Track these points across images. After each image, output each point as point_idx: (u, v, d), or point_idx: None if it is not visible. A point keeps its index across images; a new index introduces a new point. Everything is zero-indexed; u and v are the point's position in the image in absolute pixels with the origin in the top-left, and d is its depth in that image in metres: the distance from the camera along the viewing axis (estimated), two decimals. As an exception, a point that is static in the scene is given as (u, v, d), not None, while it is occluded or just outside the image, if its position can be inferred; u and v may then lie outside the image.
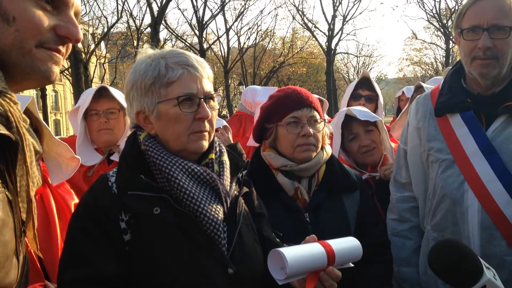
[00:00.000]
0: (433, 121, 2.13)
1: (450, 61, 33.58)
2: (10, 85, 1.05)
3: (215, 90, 1.90)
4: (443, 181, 2.05)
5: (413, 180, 2.25)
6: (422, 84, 3.72)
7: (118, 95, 2.77)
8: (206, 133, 1.59)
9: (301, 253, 1.41)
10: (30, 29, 1.01)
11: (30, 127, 1.13)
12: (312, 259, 1.42)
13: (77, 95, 17.36)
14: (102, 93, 2.74)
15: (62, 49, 1.08)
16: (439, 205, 2.08)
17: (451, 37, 31.54)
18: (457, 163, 2.01)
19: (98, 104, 2.73)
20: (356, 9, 45.67)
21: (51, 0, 1.05)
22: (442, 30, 32.98)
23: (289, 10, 37.58)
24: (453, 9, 30.79)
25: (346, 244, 1.55)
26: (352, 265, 1.57)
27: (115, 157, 2.74)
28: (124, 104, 2.73)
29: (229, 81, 33.90)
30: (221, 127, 3.76)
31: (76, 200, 2.32)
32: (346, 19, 34.85)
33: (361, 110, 2.74)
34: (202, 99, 1.56)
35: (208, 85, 1.60)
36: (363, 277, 2.04)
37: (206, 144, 1.60)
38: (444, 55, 35.43)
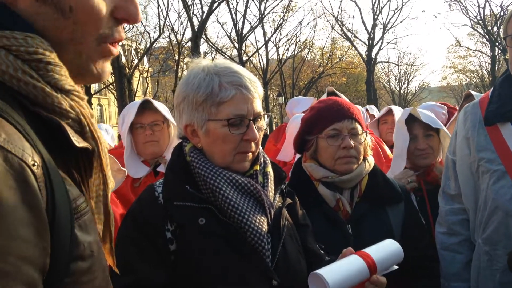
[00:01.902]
0: (483, 130, 2.06)
1: (496, 68, 32.54)
2: None
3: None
4: (494, 192, 1.97)
5: (463, 191, 2.18)
6: (472, 92, 3.63)
7: (161, 107, 2.84)
8: (250, 154, 1.61)
9: (342, 271, 1.39)
10: (90, 21, 0.85)
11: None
12: (353, 275, 1.40)
13: (121, 109, 17.89)
14: (145, 106, 2.81)
15: (122, 34, 0.93)
16: (490, 217, 2.00)
17: (497, 43, 30.64)
18: (509, 174, 1.93)
19: (142, 117, 2.80)
20: (397, 18, 44.99)
21: None
22: (487, 36, 32.02)
23: (328, 21, 37.45)
24: (498, 15, 29.88)
25: (385, 250, 1.52)
26: (396, 267, 1.54)
27: (162, 169, 2.79)
28: (167, 116, 2.79)
29: (268, 93, 34.10)
30: None
31: (122, 211, 2.37)
32: (387, 28, 34.48)
33: (426, 114, 2.67)
34: (252, 121, 1.57)
35: (258, 106, 1.60)
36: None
37: (248, 164, 1.62)
38: (490, 62, 34.37)
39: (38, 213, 0.70)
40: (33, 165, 0.70)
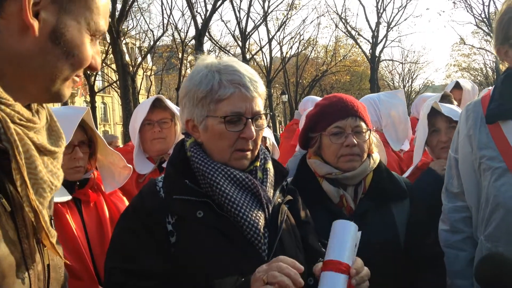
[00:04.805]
0: (485, 128, 2.07)
1: (500, 66, 32.43)
2: (22, 95, 1.02)
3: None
4: (496, 190, 1.98)
5: (466, 189, 2.19)
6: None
7: (172, 105, 2.87)
8: (249, 152, 1.62)
9: None
10: (82, 66, 1.04)
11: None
12: None
13: (125, 107, 17.86)
14: (156, 103, 2.85)
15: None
16: (492, 214, 2.01)
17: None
18: (511, 171, 1.94)
19: (152, 115, 2.83)
20: (401, 16, 44.93)
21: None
22: (491, 34, 31.79)
23: (331, 19, 37.57)
24: (503, 13, 29.65)
25: (344, 240, 1.48)
26: (359, 232, 1.52)
27: None
28: (177, 112, 2.83)
29: (272, 91, 34.05)
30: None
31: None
32: (391, 26, 34.34)
33: (447, 106, 2.66)
34: (250, 119, 1.59)
35: (258, 105, 1.62)
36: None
37: (247, 162, 1.64)
38: (494, 60, 34.20)
39: None
40: None
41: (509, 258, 1.53)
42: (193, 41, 26.05)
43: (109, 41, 20.58)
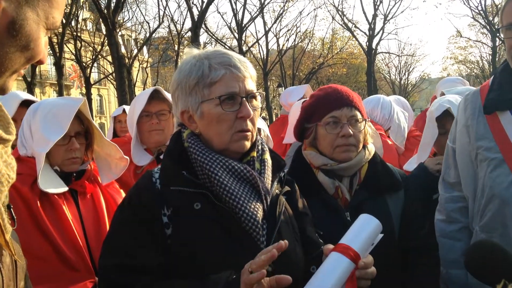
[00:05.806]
0: (482, 118, 2.07)
1: (497, 59, 32.48)
2: None
3: (256, 91, 1.89)
4: (491, 180, 1.99)
5: (462, 179, 2.19)
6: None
7: (170, 96, 2.86)
8: (248, 133, 1.61)
9: (329, 280, 1.37)
10: (35, 60, 0.99)
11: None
12: (341, 276, 1.39)
13: (121, 99, 17.81)
14: (154, 95, 2.84)
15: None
16: (487, 205, 2.02)
17: (498, 34, 30.49)
18: (507, 162, 1.94)
19: (150, 106, 2.83)
20: (398, 8, 44.93)
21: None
22: (488, 27, 31.91)
23: (328, 11, 37.46)
24: (499, 6, 29.72)
25: (362, 231, 1.50)
26: (381, 235, 1.53)
27: None
28: None
29: (268, 83, 34.05)
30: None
31: (125, 198, 2.40)
32: (388, 18, 34.32)
33: None
34: (244, 98, 1.58)
35: (250, 84, 1.62)
36: (408, 280, 2.03)
37: (248, 144, 1.62)
38: (491, 53, 34.29)
39: None
40: None
41: (499, 245, 1.55)
42: (189, 33, 25.95)
43: (104, 32, 20.48)
